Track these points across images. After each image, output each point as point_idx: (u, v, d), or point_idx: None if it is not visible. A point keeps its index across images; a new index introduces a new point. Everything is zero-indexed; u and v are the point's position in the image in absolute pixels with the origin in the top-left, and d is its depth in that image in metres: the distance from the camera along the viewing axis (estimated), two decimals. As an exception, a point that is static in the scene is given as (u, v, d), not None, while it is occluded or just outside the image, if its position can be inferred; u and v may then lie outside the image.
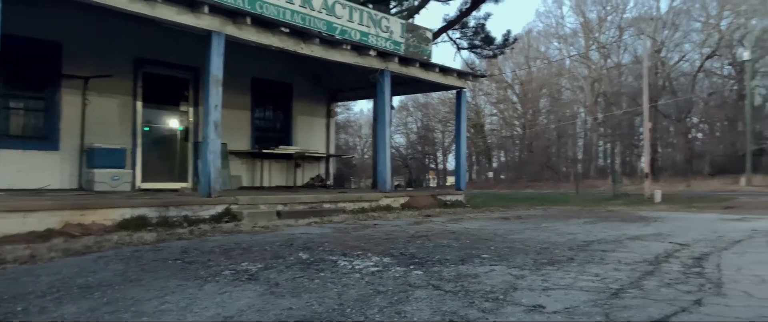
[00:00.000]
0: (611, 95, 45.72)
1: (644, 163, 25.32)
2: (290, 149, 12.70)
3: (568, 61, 49.38)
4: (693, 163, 42.13)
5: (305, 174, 13.76)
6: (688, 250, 4.95)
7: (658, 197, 17.34)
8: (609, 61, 47.81)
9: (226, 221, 7.38)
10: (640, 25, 43.29)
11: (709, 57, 43.27)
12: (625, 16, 46.43)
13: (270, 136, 13.10)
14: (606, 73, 47.00)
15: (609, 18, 47.36)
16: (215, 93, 7.98)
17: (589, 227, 7.25)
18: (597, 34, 47.67)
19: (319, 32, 9.89)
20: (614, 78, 46.69)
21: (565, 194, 25.33)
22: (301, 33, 9.33)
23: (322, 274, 3.75)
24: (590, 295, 3.10)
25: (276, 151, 12.24)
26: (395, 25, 12.22)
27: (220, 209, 7.71)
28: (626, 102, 43.75)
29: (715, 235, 6.28)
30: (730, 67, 43.44)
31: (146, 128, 10.75)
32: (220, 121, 8.07)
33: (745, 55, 37.04)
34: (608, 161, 50.31)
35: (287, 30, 9.00)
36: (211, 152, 7.95)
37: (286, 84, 13.54)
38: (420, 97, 49.03)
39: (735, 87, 41.50)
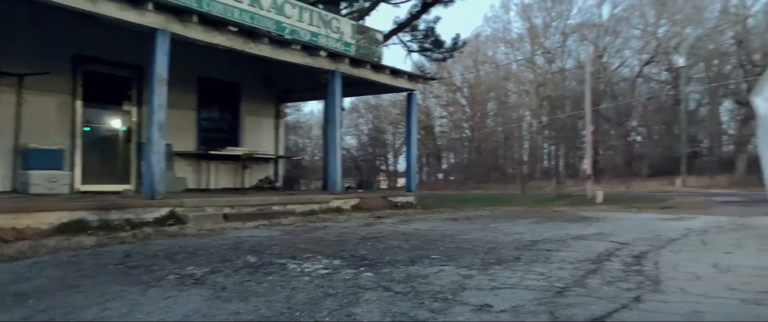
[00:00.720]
0: (555, 99, 47.06)
1: (587, 164, 26.17)
2: (238, 150, 12.48)
3: (514, 66, 50.55)
4: (632, 164, 43.90)
5: (253, 176, 13.55)
6: (629, 249, 5.13)
7: (599, 197, 17.94)
8: (553, 65, 49.22)
9: (171, 224, 7.18)
10: (583, 32, 44.81)
11: (647, 63, 45.23)
12: (569, 22, 47.90)
13: (217, 137, 12.82)
14: (551, 77, 48.37)
15: (554, 24, 48.76)
16: (160, 92, 7.76)
17: (534, 227, 7.43)
18: (542, 40, 49.00)
19: (268, 32, 9.76)
20: (558, 82, 48.10)
21: (511, 194, 25.89)
22: (249, 32, 9.19)
23: (271, 277, 3.70)
24: (536, 294, 3.17)
25: (223, 152, 12.01)
26: (346, 26, 12.20)
27: (164, 211, 7.49)
28: (570, 106, 45.14)
29: (653, 234, 6.54)
30: (666, 73, 45.48)
31: (86, 128, 10.34)
32: (165, 122, 7.85)
33: (681, 61, 38.85)
34: (553, 163, 51.73)
35: (235, 29, 8.85)
36: (155, 153, 7.72)
37: (234, 84, 13.30)
38: (371, 98, 49.12)
39: (671, 92, 43.46)
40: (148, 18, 7.62)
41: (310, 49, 10.36)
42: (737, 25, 40.82)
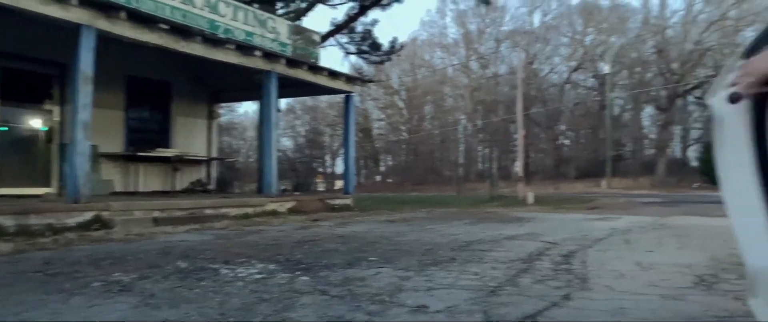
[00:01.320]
0: (489, 103, 48.27)
1: (518, 167, 26.96)
2: (168, 152, 12.07)
3: (450, 70, 51.50)
4: (561, 167, 45.67)
5: (185, 178, 13.13)
6: (558, 248, 5.31)
7: (530, 198, 18.51)
8: (487, 71, 50.47)
9: (96, 229, 6.84)
10: (515, 39, 46.26)
11: (575, 70, 47.18)
12: (501, 29, 49.25)
13: (146, 137, 12.35)
14: (485, 82, 49.58)
15: (488, 30, 50.00)
16: (85, 91, 7.39)
17: (469, 228, 7.57)
18: (477, 45, 50.15)
19: (201, 30, 9.50)
20: (492, 87, 49.36)
21: (448, 196, 26.32)
22: (181, 30, 8.91)
23: (203, 283, 3.58)
24: (470, 293, 3.22)
25: (152, 153, 11.58)
26: (282, 26, 12.04)
27: (89, 216, 7.14)
28: (503, 110, 46.42)
29: (581, 234, 6.79)
30: (593, 79, 47.59)
31: (3, 128, 9.71)
32: (90, 122, 7.49)
33: (606, 69, 40.75)
34: (487, 165, 52.98)
35: (166, 27, 8.56)
36: (79, 155, 7.35)
37: (164, 83, 12.85)
38: (308, 100, 48.71)
39: (597, 98, 45.50)
40: (73, 13, 7.25)
41: (244, 48, 10.16)
42: (657, 36, 43.24)
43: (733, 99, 1.29)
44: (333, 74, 12.35)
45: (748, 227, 1.34)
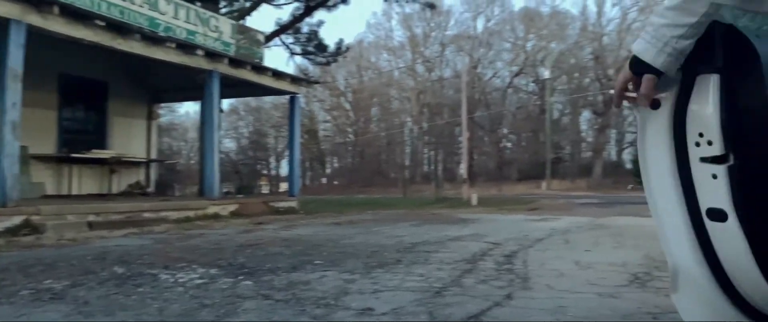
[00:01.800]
0: (435, 106, 48.89)
1: (463, 169, 27.43)
2: (104, 153, 11.60)
3: (396, 73, 51.83)
4: (504, 169, 46.77)
5: (122, 181, 12.66)
6: (501, 248, 5.42)
7: (474, 200, 18.84)
8: (433, 74, 51.11)
9: (26, 234, 6.50)
10: (459, 43, 47.06)
11: (516, 75, 48.42)
12: (446, 33, 49.99)
13: (81, 138, 11.82)
14: (430, 85, 50.17)
15: (433, 34, 50.64)
16: (13, 89, 7.01)
17: (415, 230, 7.62)
18: (422, 49, 50.71)
19: (140, 28, 9.20)
20: (437, 90, 50.01)
21: (394, 198, 26.46)
22: (119, 27, 8.60)
23: (141, 289, 3.45)
24: (416, 295, 3.24)
25: (88, 155, 11.11)
26: (225, 25, 11.81)
27: (17, 220, 6.77)
28: (448, 113, 47.11)
29: (523, 234, 6.96)
30: (534, 84, 48.98)
31: None
32: (20, 121, 7.11)
33: (546, 74, 42.03)
34: (432, 167, 53.62)
35: (103, 23, 8.24)
36: (7, 156, 6.96)
37: (101, 82, 12.35)
38: (252, 101, 47.92)
39: (538, 102, 46.84)
40: (1, 7, 6.87)
41: (186, 47, 9.90)
42: (594, 43, 44.93)
43: (654, 105, 1.36)
44: (278, 75, 12.20)
45: (668, 225, 1.41)
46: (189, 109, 56.85)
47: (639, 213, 11.83)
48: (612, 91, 1.41)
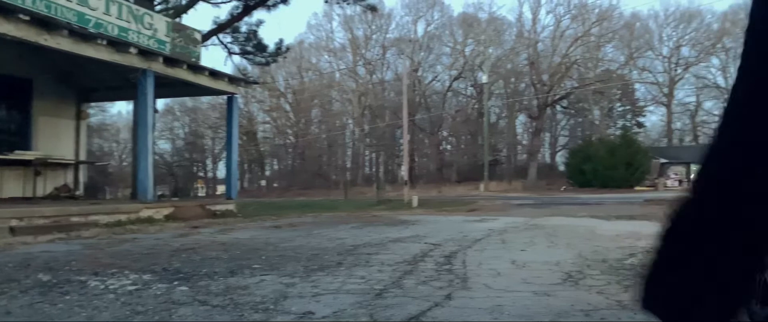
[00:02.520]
0: (376, 108, 49.10)
1: (404, 171, 27.64)
2: (28, 155, 10.98)
3: (337, 74, 51.71)
4: (443, 171, 47.50)
5: (48, 183, 12.01)
6: (440, 249, 5.49)
7: (415, 202, 19.02)
8: (374, 76, 51.31)
9: (-62, 242, 6.06)
10: (400, 46, 47.45)
11: (456, 78, 49.32)
12: (387, 36, 50.31)
13: (3, 139, 11.14)
14: (371, 87, 50.34)
15: (374, 36, 50.85)
16: (-76, 85, 6.53)
17: (356, 232, 7.61)
18: (363, 51, 50.83)
19: (68, 23, 8.77)
20: (379, 93, 50.25)
21: (335, 200, 26.33)
22: (45, 22, 8.16)
23: (68, 297, 3.28)
24: (357, 297, 3.23)
25: (10, 156, 10.48)
26: (160, 22, 11.43)
27: (-71, 226, 6.30)
28: (389, 115, 47.40)
29: (461, 235, 7.08)
30: (472, 88, 50.01)
31: None
32: (-69, 120, 6.63)
33: (484, 78, 43.00)
34: (374, 169, 53.78)
35: (27, 18, 7.80)
36: None
37: (24, 80, 11.68)
38: (188, 101, 46.64)
39: (476, 106, 47.86)
40: None
41: (118, 44, 9.51)
42: (530, 49, 46.34)
43: None
44: (215, 74, 11.91)
45: None
46: (121, 108, 54.77)
47: (572, 213, 12.27)
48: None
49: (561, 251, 5.34)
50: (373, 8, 22.53)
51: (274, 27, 47.98)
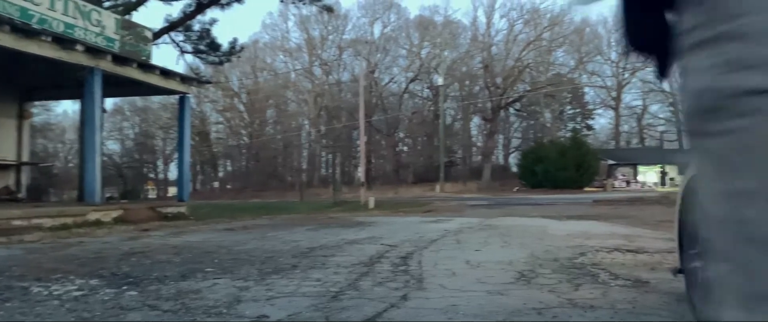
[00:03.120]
0: (332, 109, 48.94)
1: (360, 172, 27.65)
2: (-33, 156, 10.48)
3: (293, 75, 51.29)
4: (400, 172, 47.73)
5: (-11, 186, 11.49)
6: (397, 250, 5.51)
7: (372, 203, 19.04)
8: (330, 77, 51.14)
9: None
10: (356, 47, 47.47)
11: (412, 80, 49.66)
12: (344, 37, 50.24)
13: (-63, 139, 10.60)
14: (328, 88, 50.15)
15: (330, 37, 50.71)
16: None
17: (312, 234, 7.56)
18: (319, 52, 50.58)
19: (10, 18, 8.41)
20: (335, 93, 50.10)
21: (290, 202, 26.11)
22: (-16, 17, 7.80)
23: (9, 304, 3.14)
24: (312, 300, 3.20)
25: (-54, 157, 9.98)
26: (108, 19, 11.08)
27: None
28: (345, 116, 47.31)
29: (417, 236, 7.12)
30: (428, 90, 50.46)
31: None
32: None
33: (439, 81, 43.43)
34: (330, 171, 53.56)
35: (-36, 11, 7.43)
36: None
37: (-38, 76, 11.15)
38: (138, 100, 45.40)
39: (432, 108, 48.29)
40: None
41: (63, 41, 9.18)
42: (484, 52, 47.10)
43: None
44: (166, 73, 11.63)
45: None
46: (67, 108, 52.77)
47: (524, 213, 12.54)
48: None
49: (514, 250, 5.44)
50: (329, 9, 22.45)
51: (228, 26, 47.22)
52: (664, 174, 44.22)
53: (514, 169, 47.44)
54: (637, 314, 2.78)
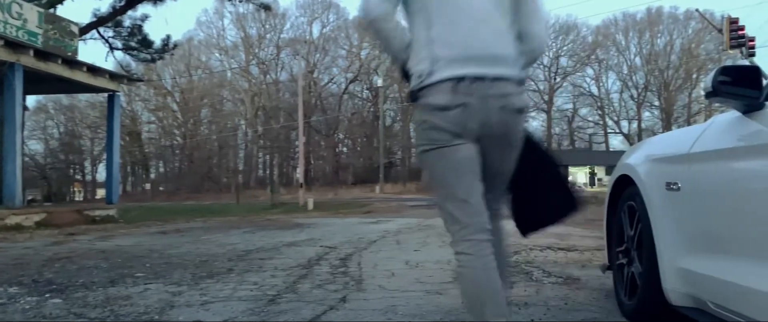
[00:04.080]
0: (270, 109, 48.25)
1: (299, 173, 27.39)
2: None
3: (229, 74, 50.20)
4: (339, 173, 47.59)
5: None
6: (336, 252, 5.48)
7: (311, 204, 18.90)
8: (268, 77, 50.38)
9: None
10: (295, 47, 46.98)
11: (352, 81, 49.65)
12: (282, 36, 49.63)
13: None
14: (265, 88, 49.39)
15: (268, 36, 49.98)
16: None
17: (248, 237, 7.41)
18: (257, 50, 49.75)
19: None
20: (273, 93, 49.40)
21: (226, 204, 25.54)
22: None
23: None
24: (249, 304, 3.13)
25: None
26: (30, 13, 10.49)
27: None
28: (284, 117, 46.74)
29: (357, 237, 7.12)
30: (368, 91, 50.58)
31: None
32: None
33: (379, 82, 43.63)
34: (267, 172, 52.77)
35: None
36: None
37: None
38: (63, 98, 43.22)
39: (372, 109, 48.44)
40: None
41: (-20, 34, 8.62)
42: (422, 54, 47.63)
43: None
44: (94, 70, 11.14)
45: None
46: (-16, 105, 49.45)
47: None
48: None
49: (452, 250, 5.52)
50: (266, 7, 22.08)
51: (160, 22, 45.62)
52: (593, 175, 46.19)
53: (452, 170, 48.22)
54: (569, 311, 2.87)
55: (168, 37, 19.75)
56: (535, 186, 1.93)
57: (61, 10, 16.22)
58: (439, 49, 1.62)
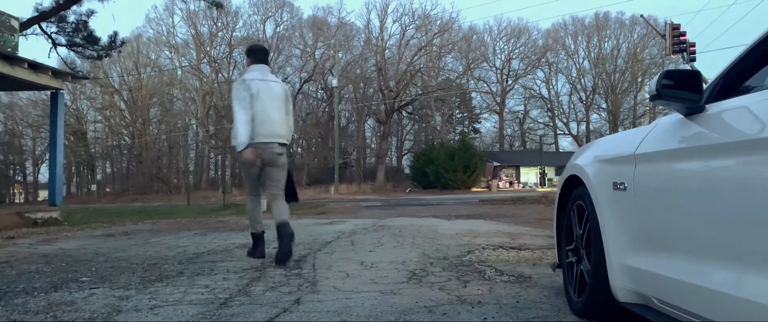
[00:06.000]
0: (222, 108, 47.36)
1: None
2: None
3: (179, 72, 49.06)
4: (294, 174, 47.15)
5: None
6: (289, 253, 5.41)
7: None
8: (220, 75, 49.46)
9: None
10: (248, 45, 46.38)
11: (306, 81, 49.31)
12: (234, 34, 48.82)
13: None
14: (217, 87, 48.46)
15: (220, 34, 49.08)
16: None
17: (199, 239, 7.25)
18: (208, 48, 48.79)
19: None
20: (225, 92, 48.49)
21: (176, 206, 24.92)
22: None
23: None
24: (200, 307, 3.06)
25: None
26: (-34, 5, 9.98)
27: None
28: (236, 116, 45.92)
29: (311, 238, 7.07)
30: (322, 91, 50.34)
31: None
32: None
33: (334, 82, 43.44)
34: (219, 173, 51.79)
35: None
36: None
37: None
38: (3, 95, 41.26)
39: (326, 109, 48.23)
40: None
41: None
42: (378, 55, 47.78)
43: None
44: (36, 67, 10.67)
45: None
46: None
47: (416, 214, 12.87)
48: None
49: (406, 250, 5.55)
50: (218, 5, 21.67)
51: (108, 18, 44.08)
52: (543, 175, 47.32)
53: (407, 170, 48.60)
54: (521, 309, 2.93)
55: (115, 33, 19.12)
56: (287, 184, 5.24)
57: (0, 5, 15.50)
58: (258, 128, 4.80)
